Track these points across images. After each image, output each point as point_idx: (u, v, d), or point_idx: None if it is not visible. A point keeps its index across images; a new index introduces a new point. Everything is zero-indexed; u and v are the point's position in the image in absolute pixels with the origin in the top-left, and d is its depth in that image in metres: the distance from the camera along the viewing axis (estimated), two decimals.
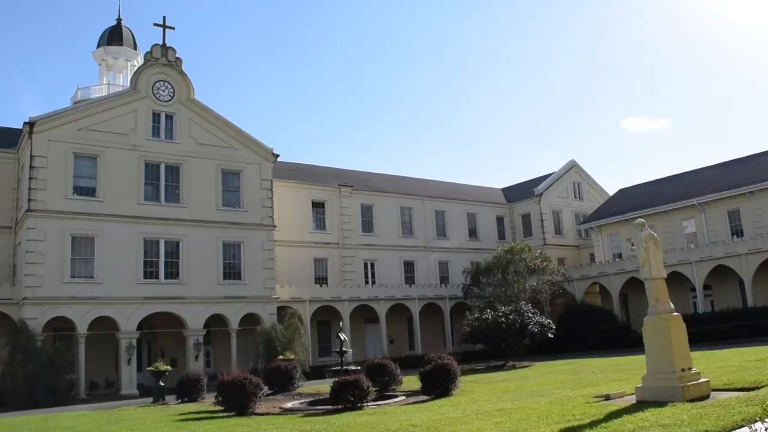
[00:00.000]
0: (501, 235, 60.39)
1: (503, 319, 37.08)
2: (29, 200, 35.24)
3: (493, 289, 47.60)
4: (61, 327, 35.98)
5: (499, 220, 61.37)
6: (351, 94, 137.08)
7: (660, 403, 12.74)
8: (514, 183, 67.97)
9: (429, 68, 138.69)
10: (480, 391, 22.32)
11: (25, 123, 36.08)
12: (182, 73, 41.09)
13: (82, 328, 35.23)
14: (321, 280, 48.24)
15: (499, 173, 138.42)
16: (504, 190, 66.89)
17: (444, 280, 54.79)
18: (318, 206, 49.63)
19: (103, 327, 36.27)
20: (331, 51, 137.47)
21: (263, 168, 42.79)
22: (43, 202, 35.36)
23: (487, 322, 37.51)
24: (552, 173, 63.15)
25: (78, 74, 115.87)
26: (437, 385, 21.77)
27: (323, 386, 29.14)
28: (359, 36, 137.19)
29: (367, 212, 52.12)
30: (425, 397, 21.43)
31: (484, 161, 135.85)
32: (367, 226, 51.95)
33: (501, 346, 38.23)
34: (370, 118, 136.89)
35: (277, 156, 43.50)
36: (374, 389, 20.75)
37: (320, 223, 49.52)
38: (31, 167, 35.63)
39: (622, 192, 60.14)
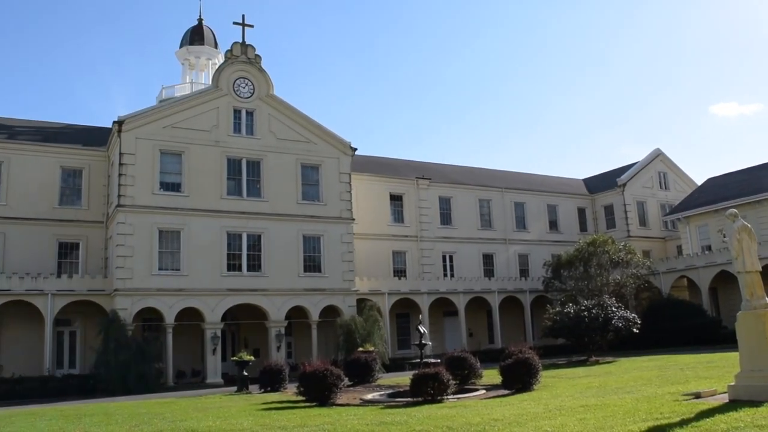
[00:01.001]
0: (582, 227, 59.03)
1: (586, 313, 36.28)
2: (119, 196, 36.70)
3: (574, 282, 46.59)
4: (149, 317, 37.39)
5: (581, 212, 59.97)
6: (428, 87, 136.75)
7: (755, 403, 12.16)
8: (596, 173, 66.32)
9: (506, 60, 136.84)
10: (562, 387, 21.89)
11: (114, 122, 37.59)
12: (261, 70, 41.88)
13: (169, 318, 36.51)
14: (399, 273, 48.36)
15: (581, 164, 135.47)
16: (585, 180, 65.32)
17: (524, 273, 54.02)
18: (396, 199, 49.76)
19: (189, 318, 37.50)
20: (409, 44, 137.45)
21: (341, 161, 43.20)
22: (132, 198, 36.77)
23: (569, 316, 36.80)
24: (636, 163, 61.20)
25: (163, 74, 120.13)
26: (518, 380, 21.48)
27: (403, 379, 29.18)
28: (437, 30, 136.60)
29: (445, 204, 51.90)
30: (506, 392, 21.17)
31: (565, 152, 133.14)
32: (446, 218, 51.74)
33: (583, 341, 37.43)
34: (448, 111, 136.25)
35: (355, 149, 43.82)
36: (454, 382, 20.65)
37: (398, 216, 49.65)
38: (120, 164, 37.09)
39: (712, 181, 57.65)
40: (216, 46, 52.79)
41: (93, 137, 42.91)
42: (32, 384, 32.66)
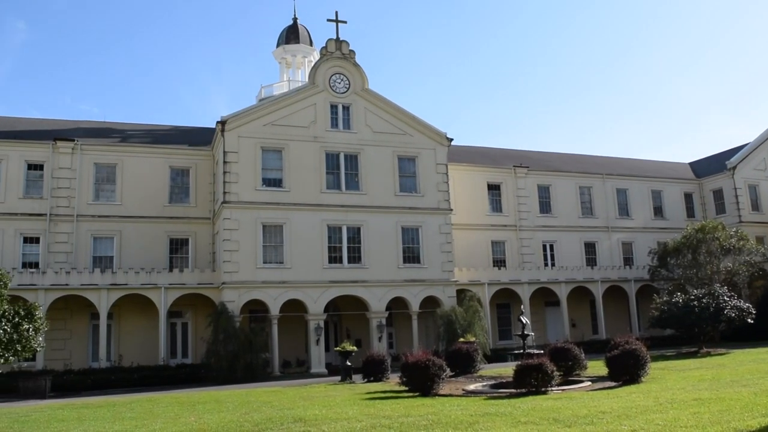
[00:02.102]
0: (690, 213, 56.52)
1: (695, 302, 34.90)
2: (224, 193, 38.12)
3: (682, 270, 44.75)
4: (255, 309, 38.69)
5: (687, 197, 57.42)
6: (524, 74, 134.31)
7: None
8: (703, 156, 63.33)
9: (607, 44, 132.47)
10: (672, 379, 21.17)
11: (217, 122, 39.04)
12: (356, 65, 42.39)
13: (274, 310, 37.68)
14: (499, 263, 47.91)
15: (686, 147, 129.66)
16: (692, 164, 62.49)
17: (628, 261, 52.35)
18: (493, 188, 49.28)
19: (293, 309, 38.55)
20: (504, 29, 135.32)
21: (438, 152, 43.17)
22: (236, 194, 38.12)
23: (677, 305, 35.48)
24: (746, 144, 57.93)
25: (260, 74, 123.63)
26: (625, 371, 20.94)
27: (504, 370, 29.01)
28: (533, 12, 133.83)
29: (544, 193, 50.94)
30: (612, 384, 20.70)
31: (669, 136, 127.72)
32: (545, 207, 50.80)
33: (693, 332, 36.02)
34: (546, 98, 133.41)
35: (451, 140, 43.68)
36: (558, 374, 20.35)
37: (496, 206, 49.17)
38: (224, 162, 38.51)
39: None
40: (311, 43, 53.81)
41: (198, 137, 44.78)
42: (149, 372, 34.63)
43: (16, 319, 18.50)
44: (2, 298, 18.91)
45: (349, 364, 30.85)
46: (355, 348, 32.67)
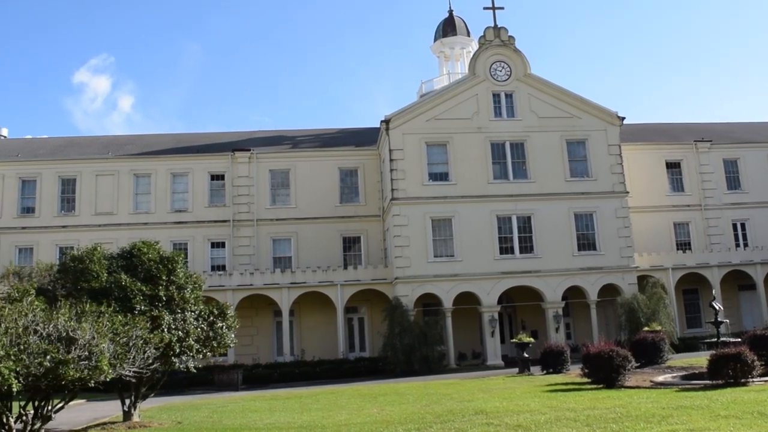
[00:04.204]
0: None
1: None
2: (392, 190, 38.77)
3: None
4: (428, 303, 39.00)
5: None
6: (702, 44, 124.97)
7: None
8: None
9: None
10: None
11: (381, 121, 39.80)
12: (516, 51, 41.41)
13: (447, 303, 37.77)
14: (683, 246, 44.69)
15: None
16: None
17: None
18: (673, 166, 46.06)
19: (466, 302, 38.42)
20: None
21: (609, 133, 41.13)
22: (404, 191, 38.63)
23: None
24: None
25: (419, 69, 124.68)
26: None
27: (695, 360, 27.24)
28: None
29: (731, 167, 46.76)
30: None
31: None
32: (733, 182, 46.66)
33: None
34: (728, 66, 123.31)
35: (623, 119, 41.45)
36: (759, 364, 18.56)
37: (677, 185, 45.90)
38: (390, 160, 39.15)
39: None
40: (468, 34, 53.36)
41: (364, 138, 45.94)
42: (329, 366, 36.02)
43: (211, 318, 19.87)
44: (198, 299, 20.37)
45: (526, 355, 30.33)
46: (532, 339, 32.07)
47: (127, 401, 18.89)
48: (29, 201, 42.42)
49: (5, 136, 52.04)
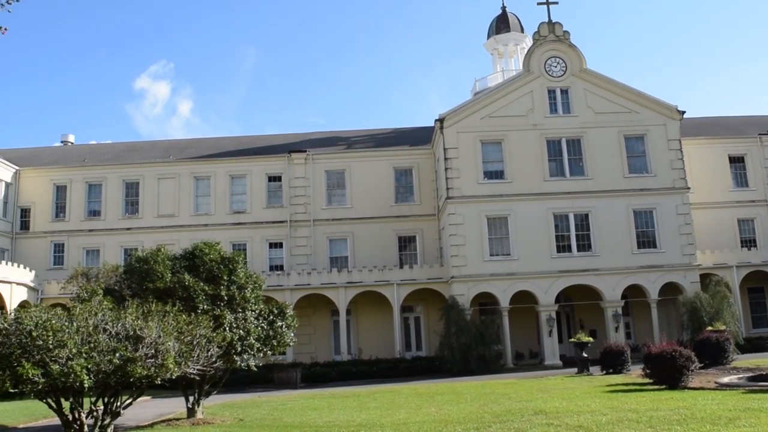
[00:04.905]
0: None
1: None
2: (447, 188, 38.70)
3: None
4: (485, 302, 38.83)
5: None
6: (760, 32, 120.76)
7: None
8: None
9: None
10: None
11: (435, 120, 39.78)
12: (572, 46, 40.84)
13: (504, 302, 37.52)
14: (748, 243, 43.27)
15: None
16: None
17: None
18: (736, 161, 44.65)
19: (523, 301, 38.08)
20: None
21: (669, 128, 40.18)
22: (459, 189, 38.53)
23: None
24: None
25: (472, 67, 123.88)
26: None
27: (762, 360, 26.57)
28: None
29: None
30: None
31: None
32: None
33: None
34: None
35: (683, 113, 40.44)
36: None
37: (741, 180, 44.49)
38: (445, 159, 39.09)
39: None
40: (522, 30, 52.83)
41: (418, 137, 45.98)
42: (386, 365, 36.21)
43: (271, 317, 20.26)
44: (258, 298, 20.76)
45: (585, 355, 29.96)
46: (591, 339, 31.60)
47: (191, 398, 19.42)
48: (95, 204, 43.92)
49: (72, 143, 54.06)
